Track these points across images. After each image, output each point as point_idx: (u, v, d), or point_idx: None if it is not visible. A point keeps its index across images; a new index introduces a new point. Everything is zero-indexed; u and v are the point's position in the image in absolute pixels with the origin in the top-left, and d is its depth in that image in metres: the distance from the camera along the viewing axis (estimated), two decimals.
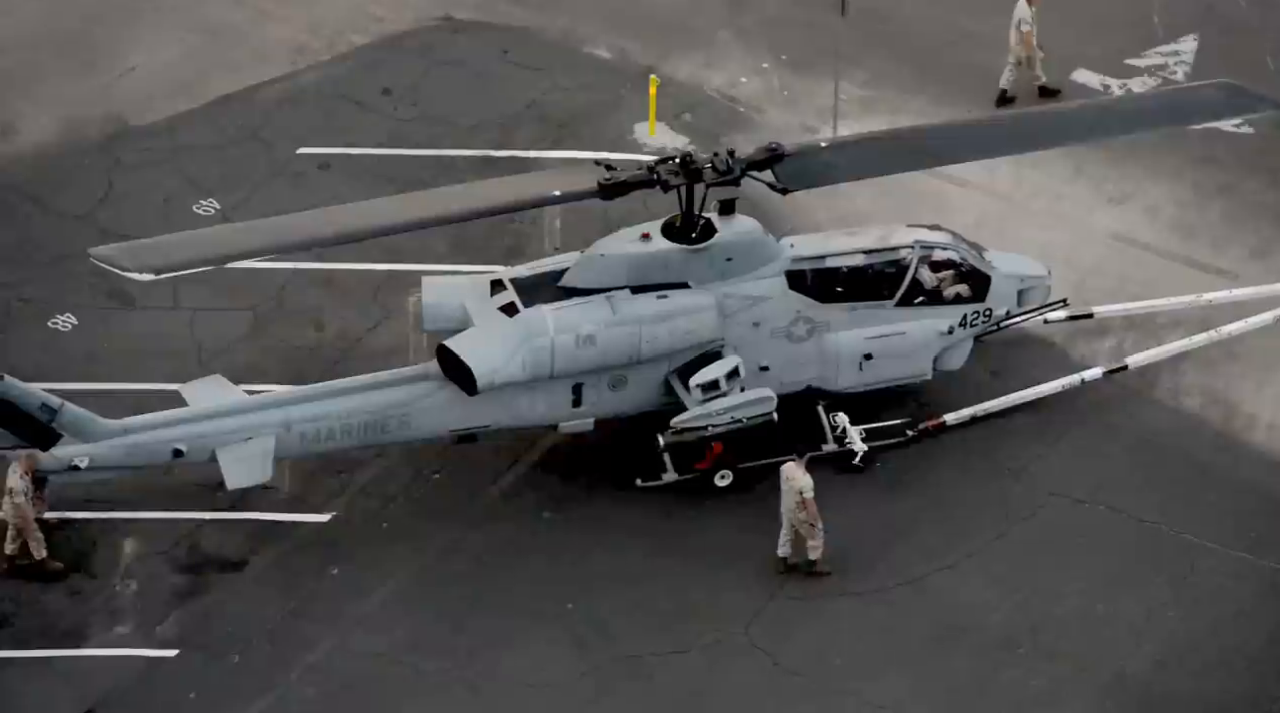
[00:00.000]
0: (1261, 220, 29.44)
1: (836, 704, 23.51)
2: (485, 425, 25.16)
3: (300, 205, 28.51)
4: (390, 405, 24.73)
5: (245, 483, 24.41)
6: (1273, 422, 26.53)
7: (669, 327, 24.81)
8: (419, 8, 33.31)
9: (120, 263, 23.32)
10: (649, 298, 24.87)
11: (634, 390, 25.24)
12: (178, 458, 24.49)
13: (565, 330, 24.57)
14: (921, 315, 25.94)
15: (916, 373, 26.24)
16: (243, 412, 24.54)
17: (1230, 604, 24.38)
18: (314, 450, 24.85)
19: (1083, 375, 26.94)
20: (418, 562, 25.05)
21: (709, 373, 24.95)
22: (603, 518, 25.52)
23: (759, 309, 25.29)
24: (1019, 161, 29.22)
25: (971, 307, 26.20)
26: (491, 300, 25.09)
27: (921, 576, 24.84)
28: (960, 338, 26.33)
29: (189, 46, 32.39)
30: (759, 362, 25.45)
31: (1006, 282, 26.40)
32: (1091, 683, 23.64)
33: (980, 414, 26.54)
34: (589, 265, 25.02)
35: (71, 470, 24.31)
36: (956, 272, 26.12)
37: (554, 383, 24.85)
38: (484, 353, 24.47)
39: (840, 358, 25.74)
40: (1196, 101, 26.71)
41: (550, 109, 31.44)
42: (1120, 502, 25.59)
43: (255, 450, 24.34)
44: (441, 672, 23.89)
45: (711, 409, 24.97)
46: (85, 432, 24.24)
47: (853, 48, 30.73)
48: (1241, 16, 32.94)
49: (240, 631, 24.20)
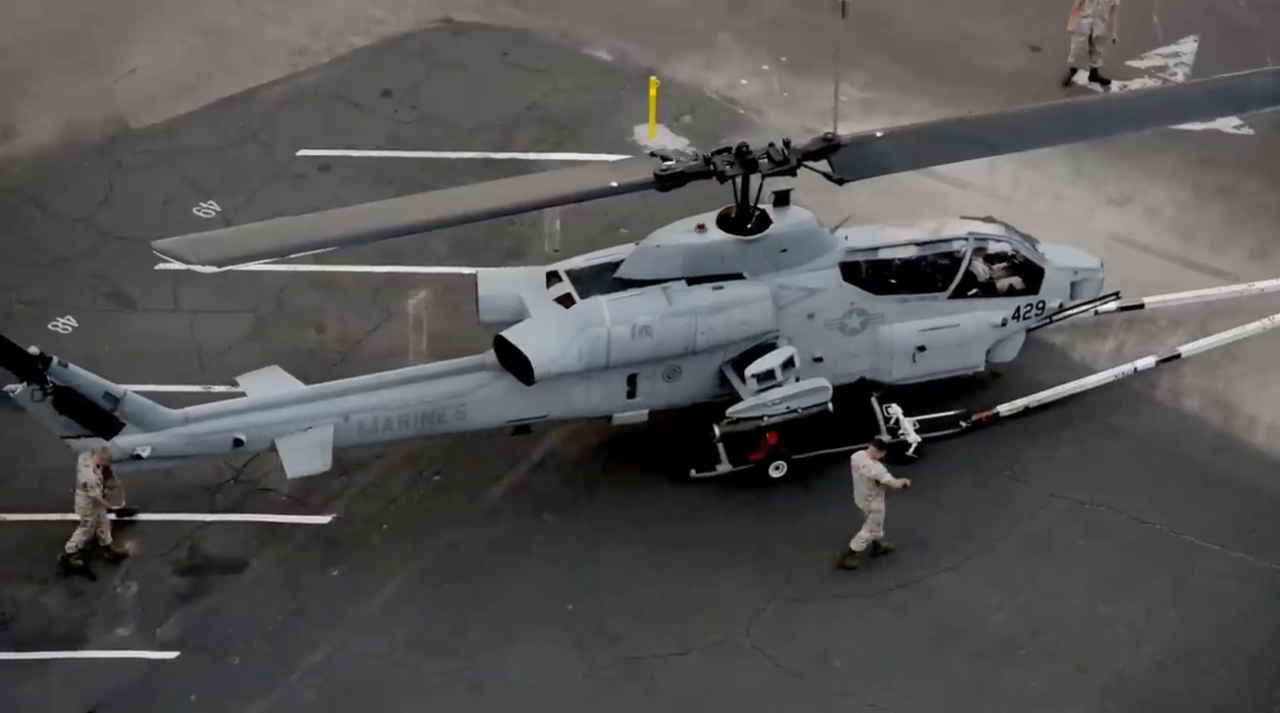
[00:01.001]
0: (1261, 221, 29.45)
1: (837, 706, 23.51)
2: (541, 416, 25.24)
3: (300, 207, 28.50)
4: (447, 396, 24.82)
5: (305, 472, 24.59)
6: (1273, 423, 26.53)
7: (724, 317, 24.86)
8: (419, 10, 33.32)
9: (182, 255, 23.47)
10: (704, 289, 24.91)
11: (688, 382, 25.31)
12: (238, 448, 24.67)
13: (621, 321, 24.63)
14: (975, 307, 25.96)
15: (969, 365, 26.29)
16: (302, 402, 24.72)
17: (1231, 606, 24.38)
18: (371, 440, 24.98)
19: (1135, 365, 26.98)
20: (418, 563, 25.05)
21: (765, 363, 25.01)
22: (603, 519, 25.52)
23: (813, 300, 25.33)
24: (1019, 162, 29.24)
25: (1024, 299, 26.21)
26: (547, 291, 25.14)
27: (923, 577, 24.84)
28: (1013, 330, 26.36)
29: (189, 48, 32.40)
30: (813, 353, 25.50)
31: (1059, 274, 26.43)
32: (1092, 684, 23.64)
33: (1034, 405, 26.53)
34: (644, 256, 25.06)
35: (134, 460, 24.47)
36: (1010, 263, 26.15)
37: (609, 374, 24.92)
38: (541, 343, 24.55)
39: (894, 350, 25.79)
40: (1249, 89, 26.60)
41: (550, 111, 31.45)
42: (1121, 503, 25.59)
43: (314, 440, 24.50)
44: (442, 673, 23.88)
45: (767, 399, 25.00)
46: (147, 421, 24.38)
47: (853, 49, 30.69)
48: (1241, 17, 32.97)
49: (241, 632, 24.19)
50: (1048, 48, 32.42)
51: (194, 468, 25.21)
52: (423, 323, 28.02)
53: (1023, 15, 33.06)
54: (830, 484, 25.78)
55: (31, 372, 23.63)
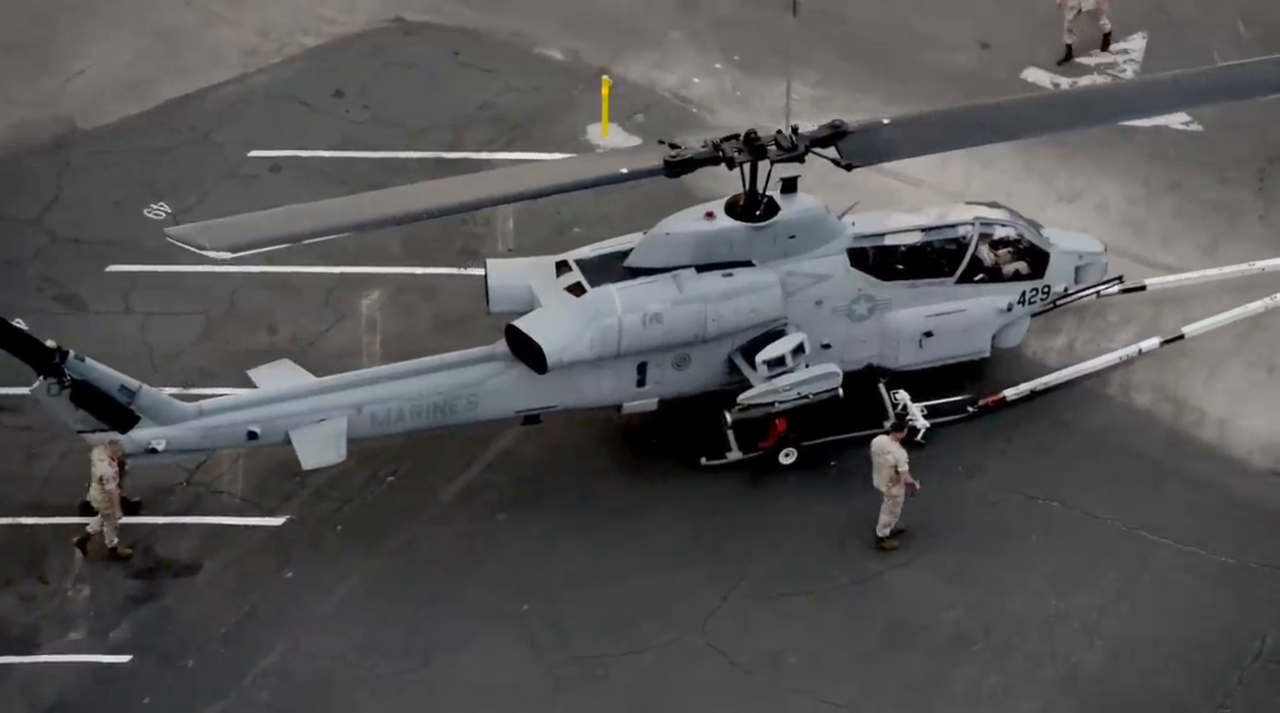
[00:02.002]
0: (1211, 216, 29.60)
1: (792, 703, 23.55)
2: (551, 406, 25.31)
3: (251, 208, 28.37)
4: (459, 387, 24.89)
5: (320, 464, 24.66)
6: (1223, 418, 26.68)
7: (734, 305, 24.95)
8: (369, 9, 33.24)
9: (197, 242, 23.51)
10: (714, 276, 25.00)
11: (697, 370, 25.39)
12: (252, 440, 24.68)
13: (633, 309, 24.72)
14: (981, 292, 26.09)
15: (975, 350, 26.43)
16: (315, 394, 24.77)
17: (1182, 599, 24.51)
18: (385, 432, 25.04)
19: (1140, 346, 27.16)
20: (373, 564, 25.00)
21: (775, 349, 25.11)
22: (557, 519, 25.51)
23: (821, 287, 25.43)
24: (970, 159, 29.33)
25: (1030, 283, 26.35)
26: (558, 281, 25.21)
27: (876, 574, 24.90)
28: (1019, 315, 26.50)
29: (139, 49, 32.26)
30: (821, 340, 25.61)
31: (1064, 258, 26.59)
32: (1045, 679, 23.73)
33: (1040, 389, 26.69)
34: (654, 244, 25.15)
35: (149, 454, 24.46)
36: (1015, 248, 26.30)
37: (619, 362, 24.99)
38: (553, 332, 24.62)
39: (901, 336, 25.91)
40: (1256, 76, 26.73)
41: (502, 110, 31.42)
42: (1073, 499, 25.70)
43: (328, 432, 24.57)
44: (397, 674, 23.84)
45: (778, 385, 25.10)
46: (161, 415, 24.39)
47: (804, 48, 30.74)
48: (1189, 15, 33.13)
49: (194, 635, 24.10)
50: (998, 45, 32.55)
51: (161, 468, 25.10)
52: (376, 323, 27.96)
53: (973, 13, 33.18)
54: (783, 483, 25.86)
55: (49, 365, 23.63)
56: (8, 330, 23.41)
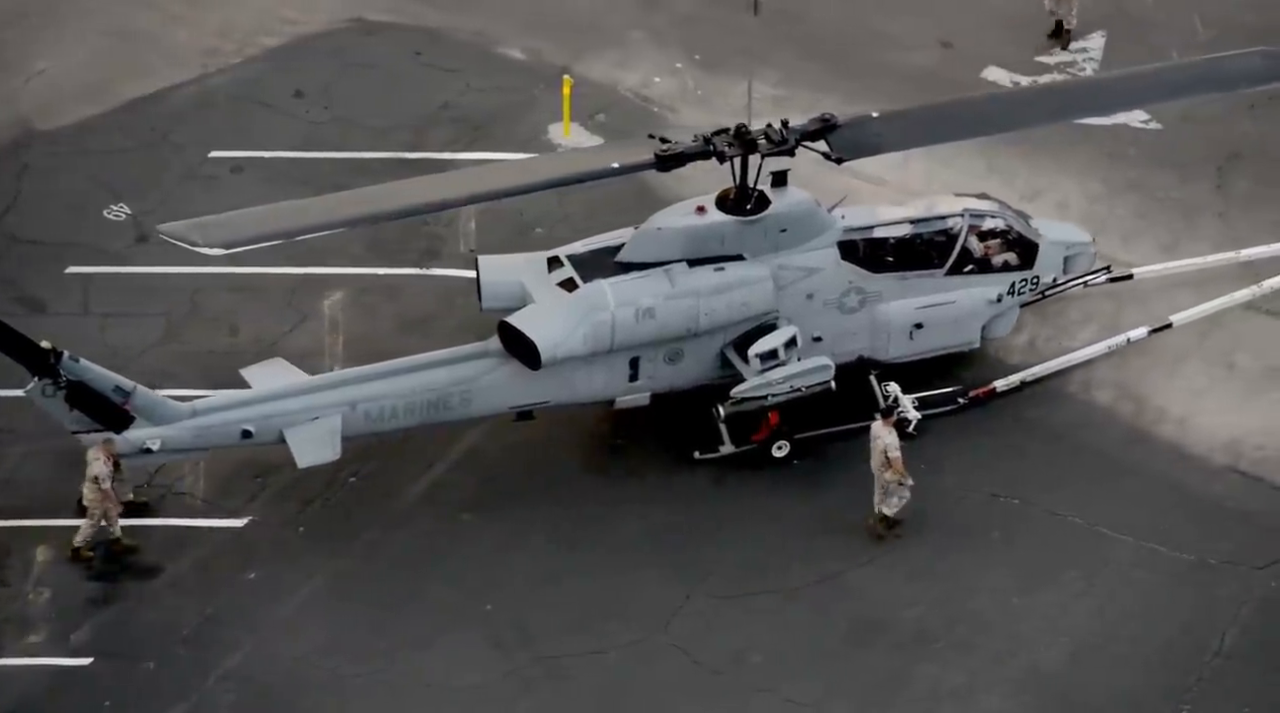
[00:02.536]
0: (1170, 214, 29.74)
1: (755, 702, 23.58)
2: (544, 402, 25.35)
3: (212, 209, 28.28)
4: (452, 383, 24.94)
5: (314, 462, 24.65)
6: (1182, 416, 26.81)
7: (726, 298, 25.02)
8: (330, 9, 33.16)
9: (190, 238, 23.49)
10: (706, 270, 25.08)
11: (690, 364, 25.46)
12: (246, 439, 24.65)
13: (625, 303, 24.78)
14: (971, 283, 26.23)
15: (965, 341, 26.57)
16: (308, 392, 24.80)
17: (1143, 596, 24.62)
18: (378, 429, 25.06)
19: (1129, 336, 27.31)
20: (336, 565, 24.95)
21: (768, 343, 25.19)
22: (521, 520, 25.50)
23: (812, 280, 25.54)
24: (930, 158, 29.41)
25: (1019, 274, 26.49)
26: (549, 276, 25.24)
27: (839, 572, 24.95)
28: (1008, 306, 26.63)
29: (98, 50, 32.13)
30: (812, 333, 25.71)
31: (1053, 248, 26.74)
32: (1007, 676, 23.81)
33: (1029, 379, 26.83)
34: (646, 239, 25.21)
35: (144, 454, 24.45)
36: (1004, 239, 26.43)
37: (612, 357, 25.05)
38: (546, 328, 24.68)
39: (891, 328, 26.01)
40: (1238, 69, 26.81)
41: (464, 110, 31.39)
42: (1034, 496, 25.79)
43: (323, 430, 24.59)
44: (361, 675, 23.80)
45: (771, 379, 25.19)
46: (156, 415, 24.38)
47: (765, 47, 30.81)
48: (1148, 14, 33.28)
49: (156, 637, 24.02)
50: (959, 44, 32.65)
51: None
52: (339, 324, 27.91)
53: (934, 13, 33.26)
54: (748, 482, 25.90)
55: (44, 366, 23.58)
56: (2, 331, 23.33)
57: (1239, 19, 32.34)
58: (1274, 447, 26.31)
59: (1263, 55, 26.73)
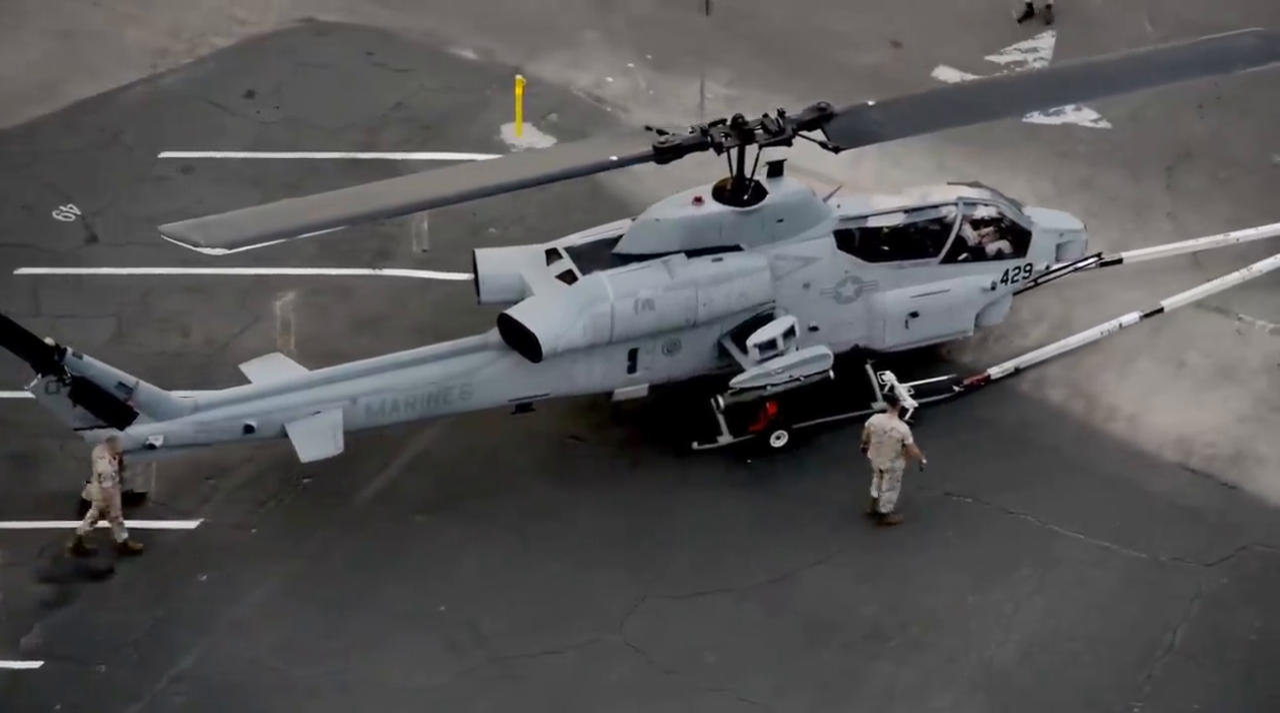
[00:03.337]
0: (1120, 212, 29.89)
1: (709, 701, 23.61)
2: (544, 394, 25.41)
3: (163, 209, 28.23)
4: (452, 376, 24.97)
5: (317, 456, 24.64)
6: (1133, 413, 26.95)
7: (725, 289, 25.10)
8: (281, 9, 33.07)
9: (191, 238, 23.41)
10: (704, 261, 25.15)
11: (687, 355, 25.54)
12: (248, 434, 24.63)
13: (624, 295, 24.83)
14: (965, 272, 26.36)
15: (960, 330, 26.73)
16: (310, 387, 24.80)
17: (1095, 593, 24.74)
18: (379, 423, 25.08)
19: (1120, 321, 27.51)
20: (288, 567, 24.87)
21: (766, 333, 25.26)
22: (476, 520, 25.47)
23: (809, 269, 25.60)
24: (882, 157, 29.51)
25: (1013, 262, 26.63)
26: (548, 269, 25.26)
27: (793, 571, 25.00)
28: (1002, 293, 26.76)
29: (47, 50, 31.96)
30: (809, 322, 25.80)
31: (1046, 236, 26.88)
32: (961, 674, 23.90)
33: (1023, 366, 26.99)
34: (644, 231, 25.26)
35: (147, 449, 24.42)
36: (998, 227, 26.55)
37: (610, 349, 25.12)
38: (546, 320, 24.72)
39: (887, 317, 26.13)
40: (1232, 50, 26.86)
41: (416, 110, 31.34)
42: (987, 494, 25.88)
43: (324, 424, 24.60)
44: (313, 677, 23.72)
45: (770, 369, 25.26)
46: (158, 410, 24.35)
47: (717, 47, 30.86)
48: (1097, 13, 33.45)
49: (107, 640, 23.90)
50: (909, 43, 32.76)
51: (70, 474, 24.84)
52: (290, 325, 27.83)
53: (883, 12, 33.38)
54: (702, 482, 25.92)
55: (48, 363, 23.49)
56: (7, 328, 23.22)
57: (1186, 16, 32.55)
58: (1224, 444, 26.48)
59: (1255, 35, 26.85)
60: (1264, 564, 24.96)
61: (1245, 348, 27.76)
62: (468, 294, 26.22)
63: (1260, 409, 26.93)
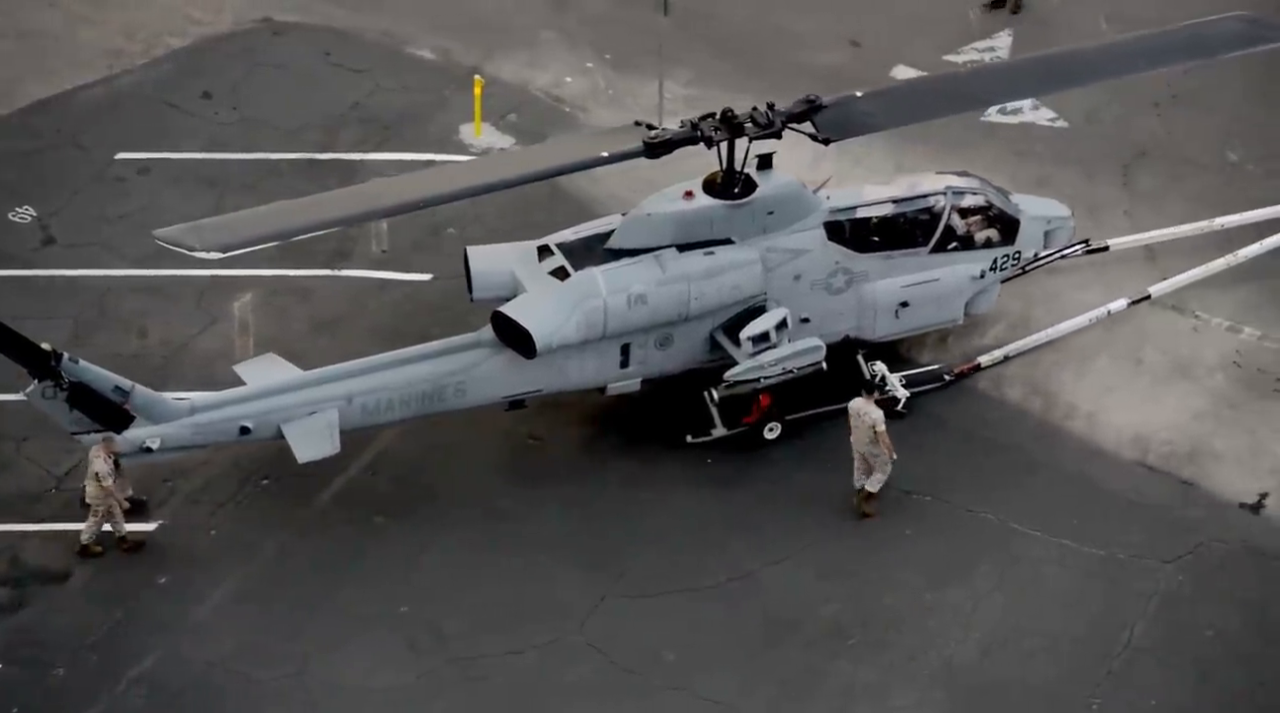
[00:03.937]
0: (1078, 211, 29.94)
1: (669, 700, 23.62)
2: (537, 390, 25.45)
3: (120, 211, 28.14)
4: (447, 374, 24.97)
5: (314, 456, 24.63)
6: (1091, 411, 27.06)
7: (717, 282, 25.15)
8: (237, 10, 32.97)
9: (186, 242, 23.34)
10: (696, 255, 25.20)
11: (680, 349, 25.59)
12: (245, 436, 24.57)
13: (617, 290, 24.86)
14: (954, 261, 26.45)
15: (949, 318, 26.82)
16: (304, 387, 24.77)
17: (1054, 591, 24.82)
18: (375, 422, 25.10)
19: (1109, 308, 27.69)
20: (248, 569, 24.79)
21: (759, 326, 25.31)
22: (436, 520, 25.43)
23: (800, 261, 25.68)
24: (841, 156, 29.55)
25: (1002, 250, 26.74)
26: (540, 265, 25.26)
27: (754, 569, 25.03)
28: (991, 281, 26.87)
29: (1, 50, 31.77)
30: (800, 314, 25.86)
31: (1034, 223, 27.00)
32: (921, 672, 23.95)
33: (1013, 354, 27.17)
34: (635, 226, 25.28)
35: (144, 452, 24.36)
36: (986, 216, 26.65)
37: (603, 344, 25.14)
38: (540, 317, 24.73)
39: (877, 307, 26.22)
40: (1217, 35, 26.91)
41: (374, 110, 31.28)
42: (946, 493, 25.96)
43: (320, 424, 24.58)
44: (273, 678, 23.66)
45: (763, 361, 25.32)
46: (154, 413, 24.30)
47: (676, 47, 30.90)
48: (1053, 14, 33.60)
49: (64, 643, 23.79)
50: (867, 43, 32.84)
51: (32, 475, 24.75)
52: (249, 326, 27.75)
53: (842, 11, 33.47)
54: (659, 482, 25.92)
55: (45, 368, 23.41)
56: (3, 333, 23.14)
57: (1144, 16, 32.65)
58: (1181, 441, 26.62)
59: (1237, 19, 26.89)
60: (1220, 560, 25.09)
61: (1202, 345, 27.92)
62: (427, 294, 26.21)
63: (1217, 406, 27.08)
